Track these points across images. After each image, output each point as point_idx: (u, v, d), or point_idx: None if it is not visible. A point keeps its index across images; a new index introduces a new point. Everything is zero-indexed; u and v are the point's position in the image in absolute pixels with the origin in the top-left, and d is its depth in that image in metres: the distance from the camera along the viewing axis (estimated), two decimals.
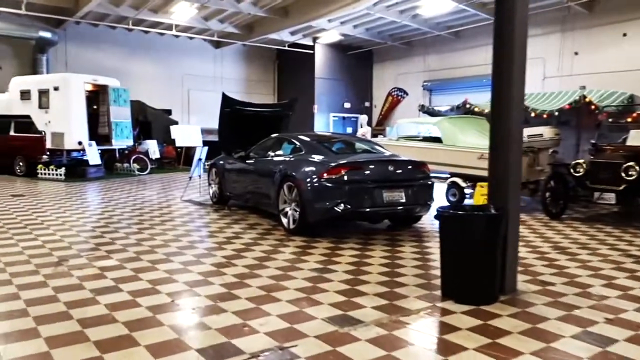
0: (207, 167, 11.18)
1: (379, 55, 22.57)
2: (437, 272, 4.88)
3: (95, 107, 14.94)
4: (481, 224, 3.97)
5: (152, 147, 16.29)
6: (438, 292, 4.29)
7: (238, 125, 9.57)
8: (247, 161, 8.27)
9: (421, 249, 5.98)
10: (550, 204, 8.42)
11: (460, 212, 4.20)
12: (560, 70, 16.19)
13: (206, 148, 10.36)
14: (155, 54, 20.61)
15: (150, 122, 17.68)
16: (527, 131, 9.23)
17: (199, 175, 10.48)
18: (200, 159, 10.26)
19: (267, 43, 20.48)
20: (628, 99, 11.68)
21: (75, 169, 13.73)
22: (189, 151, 18.29)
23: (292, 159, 7.08)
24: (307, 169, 6.49)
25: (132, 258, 5.28)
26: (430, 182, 6.81)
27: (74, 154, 14.23)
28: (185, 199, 10.02)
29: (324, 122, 22.02)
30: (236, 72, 22.92)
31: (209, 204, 9.42)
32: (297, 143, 7.35)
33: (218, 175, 9.18)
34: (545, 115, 11.33)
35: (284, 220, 6.83)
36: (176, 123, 18.68)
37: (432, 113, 14.08)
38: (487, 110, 12.34)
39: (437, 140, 10.77)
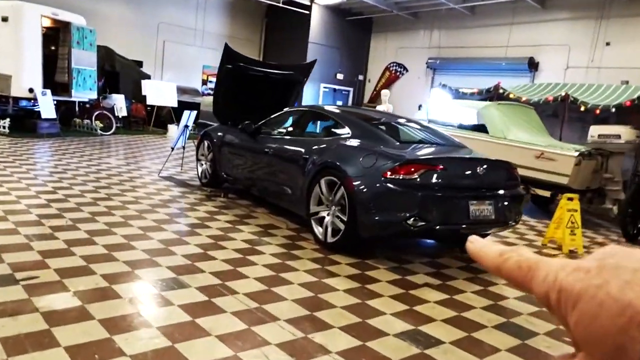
0: (192, 131, 9.04)
1: (379, 24, 20.48)
2: None
3: (53, 48, 12.34)
4: None
5: (119, 103, 13.84)
6: None
7: (240, 88, 7.48)
8: (258, 136, 6.23)
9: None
10: (629, 223, 6.79)
11: None
12: (588, 60, 14.60)
13: (194, 113, 8.19)
14: None
15: (118, 73, 15.12)
16: (598, 129, 7.57)
17: (183, 146, 8.32)
18: (186, 126, 8.08)
19: None
20: None
21: (24, 122, 11.21)
22: (161, 111, 15.93)
23: (335, 143, 5.07)
24: (362, 161, 4.53)
25: (100, 291, 3.23)
26: (522, 193, 4.99)
27: (23, 103, 11.66)
28: (164, 174, 7.87)
29: (313, 93, 19.89)
30: (219, 26, 20.35)
31: (197, 185, 7.33)
32: (339, 121, 5.35)
33: (212, 150, 7.09)
34: (597, 111, 9.71)
35: (317, 230, 4.88)
36: (149, 77, 16.19)
37: (453, 95, 12.26)
38: (524, 97, 10.62)
39: (478, 129, 8.97)
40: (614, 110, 9.44)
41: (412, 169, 4.29)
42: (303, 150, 5.31)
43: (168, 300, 3.19)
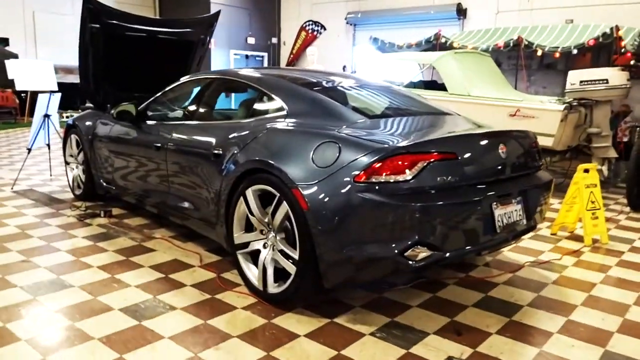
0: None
1: None
2: None
3: None
4: None
5: None
6: None
7: (116, 56, 5.30)
8: (145, 124, 4.18)
9: None
10: (635, 189, 5.48)
11: None
12: (520, 2, 13.43)
13: (57, 96, 5.89)
14: None
15: None
16: (579, 75, 6.15)
17: (47, 144, 6.02)
18: (47, 116, 5.79)
19: None
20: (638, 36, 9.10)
21: None
22: (37, 97, 13.01)
23: (264, 128, 3.11)
24: (315, 157, 2.66)
25: None
26: (551, 177, 3.37)
27: None
28: (20, 188, 5.58)
29: (222, 62, 17.52)
30: None
31: (70, 198, 5.16)
32: (266, 91, 3.38)
33: (83, 147, 4.93)
34: (557, 54, 8.41)
35: (249, 272, 3.00)
36: (15, 57, 13.14)
37: (385, 50, 10.58)
38: (470, 45, 9.14)
39: (430, 86, 7.37)
40: (575, 51, 8.17)
41: (402, 164, 2.49)
42: (213, 140, 3.35)
43: None
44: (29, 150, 5.81)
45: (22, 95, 12.69)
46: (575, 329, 2.72)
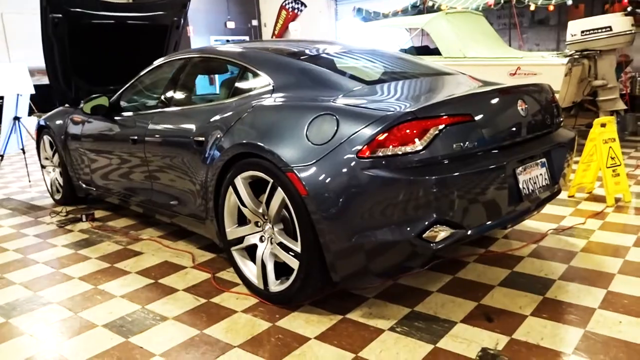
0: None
1: None
2: None
3: None
4: None
5: None
6: None
7: (84, 48, 4.91)
8: (119, 116, 3.82)
9: None
10: None
11: None
12: None
13: (26, 96, 5.48)
14: None
15: None
16: (580, 24, 5.79)
17: (22, 149, 5.63)
18: (17, 118, 5.39)
19: None
20: None
21: None
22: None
23: (249, 107, 2.74)
24: (310, 133, 2.31)
25: None
26: (573, 133, 3.03)
27: None
28: None
29: None
30: None
31: (50, 205, 4.80)
32: (249, 66, 3.00)
33: (57, 148, 4.56)
34: (551, 7, 8.02)
35: (247, 270, 2.68)
36: None
37: (370, 20, 10.14)
38: (460, 7, 8.73)
39: (422, 52, 7.00)
40: (570, 2, 7.77)
41: (411, 132, 2.14)
42: (193, 127, 3.00)
43: None
44: (2, 156, 5.42)
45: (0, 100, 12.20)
46: (619, 302, 2.42)
